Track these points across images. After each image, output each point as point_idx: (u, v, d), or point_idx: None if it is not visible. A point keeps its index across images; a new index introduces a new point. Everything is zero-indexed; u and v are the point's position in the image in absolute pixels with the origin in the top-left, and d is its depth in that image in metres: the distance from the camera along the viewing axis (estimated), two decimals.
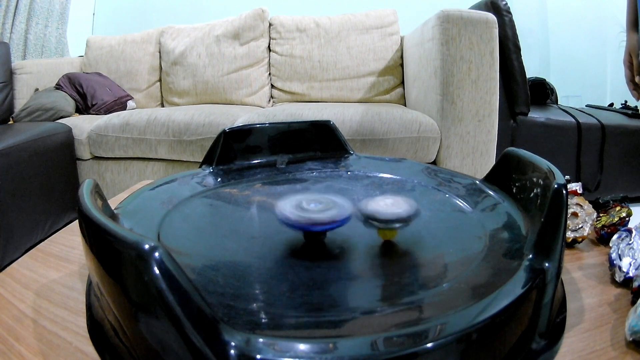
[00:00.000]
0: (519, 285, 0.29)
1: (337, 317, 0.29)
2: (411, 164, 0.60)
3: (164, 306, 0.23)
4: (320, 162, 0.62)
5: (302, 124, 0.65)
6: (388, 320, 0.28)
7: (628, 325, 0.31)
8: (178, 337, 0.23)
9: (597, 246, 0.49)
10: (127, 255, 0.25)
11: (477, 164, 1.41)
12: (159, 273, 0.23)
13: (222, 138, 0.60)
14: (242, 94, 2.03)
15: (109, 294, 0.28)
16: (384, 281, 0.34)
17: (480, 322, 0.25)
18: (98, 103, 1.95)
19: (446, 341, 0.24)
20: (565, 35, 2.66)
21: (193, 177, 0.56)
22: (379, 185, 0.54)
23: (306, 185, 0.55)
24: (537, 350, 0.29)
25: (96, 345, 0.31)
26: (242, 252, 0.39)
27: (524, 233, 0.38)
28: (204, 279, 0.33)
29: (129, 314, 0.26)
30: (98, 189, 0.39)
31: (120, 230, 0.26)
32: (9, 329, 0.34)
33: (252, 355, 0.23)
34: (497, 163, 0.49)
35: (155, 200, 0.48)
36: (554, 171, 0.37)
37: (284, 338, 0.25)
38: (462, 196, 0.48)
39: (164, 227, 0.42)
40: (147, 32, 2.20)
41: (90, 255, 0.30)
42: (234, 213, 0.48)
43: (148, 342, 0.25)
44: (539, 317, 0.30)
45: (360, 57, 1.96)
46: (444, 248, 0.39)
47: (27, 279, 0.42)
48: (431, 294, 0.31)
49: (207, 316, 0.24)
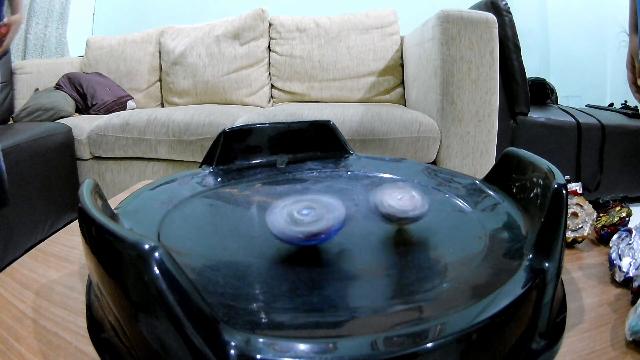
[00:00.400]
0: (519, 285, 0.29)
1: (337, 317, 0.29)
2: (411, 164, 0.60)
3: (164, 306, 0.23)
4: (320, 162, 0.62)
5: (302, 124, 0.65)
6: (388, 320, 0.28)
7: (628, 325, 0.31)
8: (178, 337, 0.23)
9: (597, 246, 0.49)
10: (127, 255, 0.25)
11: (477, 164, 1.41)
12: (159, 273, 0.23)
13: (222, 138, 0.60)
14: (242, 94, 2.03)
15: (109, 294, 0.28)
16: (384, 281, 0.34)
17: (480, 322, 0.25)
18: (98, 103, 1.95)
19: (446, 341, 0.24)
20: (565, 35, 2.66)
21: (193, 177, 0.56)
22: (379, 185, 0.54)
23: (306, 185, 0.55)
24: (537, 350, 0.29)
25: (96, 345, 0.31)
26: (242, 252, 0.39)
27: (524, 233, 0.38)
28: (204, 279, 0.33)
29: (129, 314, 0.26)
30: (98, 189, 0.39)
31: (120, 230, 0.26)
32: (9, 329, 0.34)
33: (252, 355, 0.23)
34: (497, 163, 0.49)
35: (155, 200, 0.48)
36: (554, 171, 0.37)
37: (284, 338, 0.25)
38: (462, 196, 0.48)
39: (164, 227, 0.42)
40: (147, 32, 2.20)
41: (90, 255, 0.30)
42: (234, 213, 0.48)
43: (148, 342, 0.25)
44: (539, 317, 0.30)
45: (360, 57, 1.96)
46: (444, 248, 0.39)
47: (27, 279, 0.42)
48: (431, 294, 0.31)
49: (207, 316, 0.24)
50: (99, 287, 0.30)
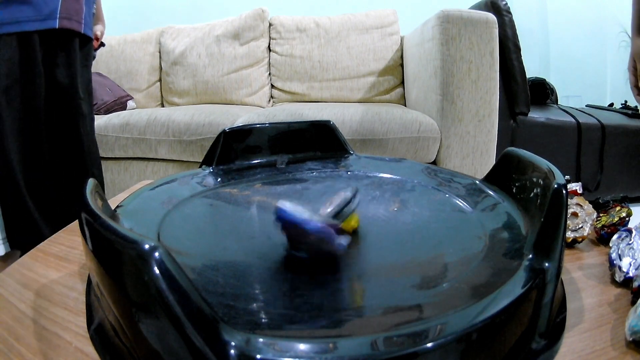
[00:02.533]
0: (519, 285, 0.29)
1: (337, 317, 0.29)
2: (411, 164, 0.60)
3: (164, 306, 0.23)
4: (320, 162, 0.62)
5: (302, 124, 0.65)
6: (388, 320, 0.28)
7: (628, 325, 0.31)
8: (178, 337, 0.23)
9: (597, 246, 0.48)
10: (128, 255, 0.25)
11: (477, 164, 1.41)
12: (159, 273, 0.23)
13: (222, 138, 0.60)
14: (242, 94, 2.03)
15: (109, 293, 0.28)
16: (385, 281, 0.34)
17: (480, 322, 0.25)
18: (98, 103, 1.95)
19: (446, 341, 0.24)
20: (565, 35, 2.66)
21: (193, 177, 0.56)
22: (378, 185, 0.54)
23: (306, 185, 0.55)
24: (537, 350, 0.29)
25: (96, 346, 0.31)
26: (242, 252, 0.39)
27: (524, 233, 0.38)
28: (204, 279, 0.33)
29: (129, 314, 0.26)
30: (98, 189, 0.39)
31: (121, 229, 0.26)
32: (9, 329, 0.34)
33: (252, 355, 0.23)
34: (497, 163, 0.49)
35: (155, 200, 0.48)
36: (553, 171, 0.37)
37: (284, 338, 0.25)
38: (462, 196, 0.48)
39: (164, 227, 0.42)
40: (147, 32, 2.20)
41: (90, 255, 0.30)
42: (234, 213, 0.48)
43: (148, 342, 0.25)
44: (539, 317, 0.30)
45: (360, 57, 1.96)
46: (444, 248, 0.39)
47: (27, 279, 0.42)
48: (431, 294, 0.31)
49: (207, 316, 0.24)
50: (99, 287, 0.30)
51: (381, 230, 0.42)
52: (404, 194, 0.52)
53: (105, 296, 0.29)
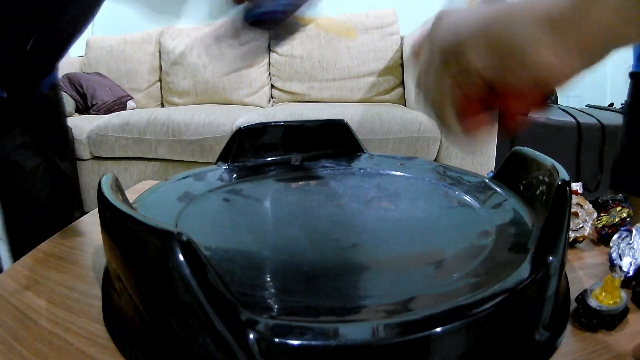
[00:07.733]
0: (524, 277, 0.29)
1: (351, 304, 0.30)
2: (422, 162, 0.61)
3: (187, 291, 0.24)
4: (334, 159, 0.63)
5: (316, 123, 0.66)
6: (400, 307, 0.29)
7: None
8: (200, 322, 0.24)
9: (598, 246, 0.49)
10: (152, 242, 0.26)
11: (476, 163, 1.41)
12: (183, 259, 0.24)
13: (238, 135, 0.61)
14: (242, 94, 2.03)
15: (130, 282, 0.29)
16: (398, 271, 0.35)
17: (485, 310, 0.26)
18: (98, 103, 1.95)
19: (452, 328, 0.25)
20: None
21: (209, 173, 0.57)
22: (392, 181, 0.56)
23: (320, 182, 0.56)
24: (540, 341, 0.30)
25: (114, 337, 0.31)
26: (259, 244, 0.40)
27: (529, 228, 0.38)
28: (222, 270, 0.33)
29: (151, 301, 0.27)
30: (118, 183, 0.39)
31: (144, 218, 0.27)
32: (10, 330, 0.34)
33: (271, 339, 0.23)
34: (505, 162, 0.50)
35: (171, 195, 0.49)
36: (557, 168, 0.37)
37: (301, 322, 0.25)
38: (471, 193, 0.49)
39: (182, 221, 0.43)
40: (147, 32, 2.20)
41: (111, 244, 0.30)
42: (251, 207, 0.49)
43: (170, 326, 0.26)
44: (543, 309, 0.30)
45: (360, 57, 1.96)
46: (454, 241, 0.40)
47: (27, 279, 0.42)
48: (441, 284, 0.32)
49: (228, 302, 0.25)
50: (118, 278, 0.31)
51: (394, 225, 0.43)
52: (416, 191, 0.53)
53: (126, 285, 0.29)
